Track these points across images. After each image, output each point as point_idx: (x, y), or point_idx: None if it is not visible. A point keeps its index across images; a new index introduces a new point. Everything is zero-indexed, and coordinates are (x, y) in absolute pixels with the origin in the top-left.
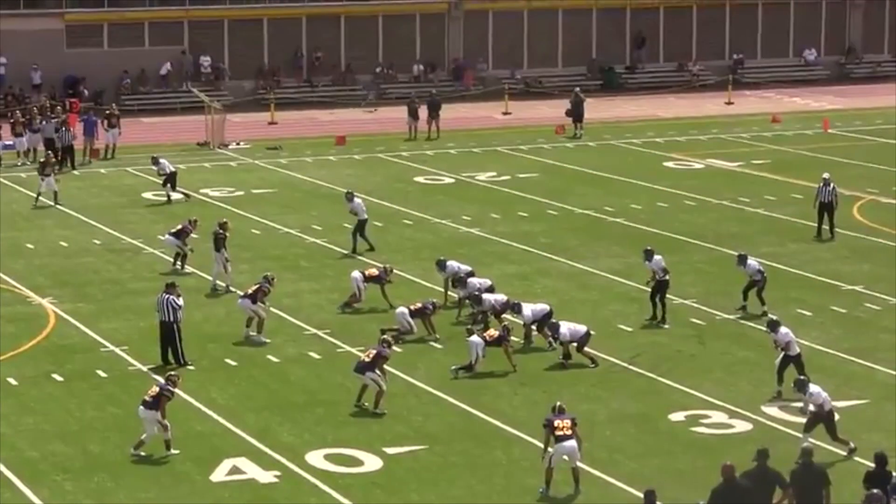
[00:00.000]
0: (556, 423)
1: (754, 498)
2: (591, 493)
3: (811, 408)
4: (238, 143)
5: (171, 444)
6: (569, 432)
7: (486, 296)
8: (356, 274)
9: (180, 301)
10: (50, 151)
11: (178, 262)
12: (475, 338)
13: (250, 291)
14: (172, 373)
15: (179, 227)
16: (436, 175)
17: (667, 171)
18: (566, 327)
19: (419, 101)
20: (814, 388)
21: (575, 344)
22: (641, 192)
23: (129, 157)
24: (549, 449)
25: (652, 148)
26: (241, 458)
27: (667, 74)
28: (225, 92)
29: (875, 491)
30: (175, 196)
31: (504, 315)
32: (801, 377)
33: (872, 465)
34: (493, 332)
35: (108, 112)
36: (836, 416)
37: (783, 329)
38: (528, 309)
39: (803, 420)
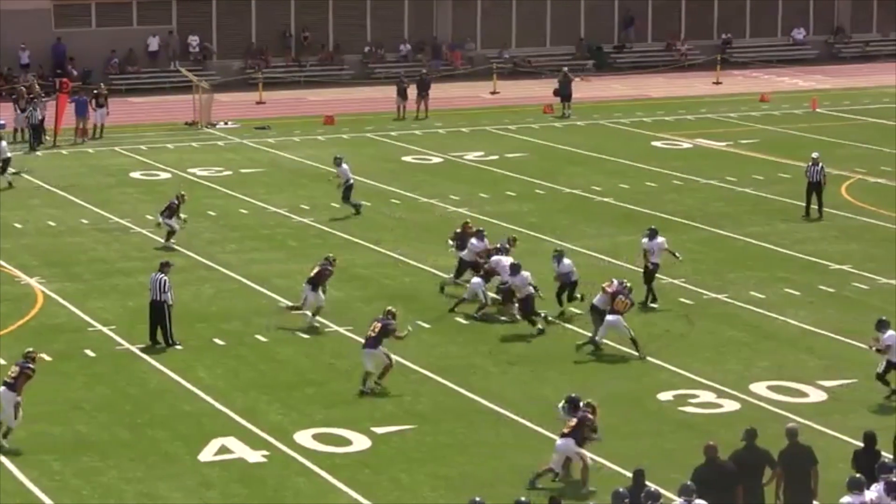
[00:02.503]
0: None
1: (737, 478)
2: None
3: None
4: (226, 123)
5: (10, 433)
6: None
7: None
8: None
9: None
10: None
11: (171, 239)
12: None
13: (312, 275)
14: (30, 349)
15: (167, 204)
16: (424, 154)
17: (655, 151)
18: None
19: (408, 80)
20: None
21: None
22: (630, 172)
23: (116, 137)
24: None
25: (640, 127)
26: (229, 437)
27: (655, 54)
28: (213, 72)
29: (858, 475)
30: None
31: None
32: None
33: (861, 444)
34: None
35: (96, 92)
36: None
37: (891, 332)
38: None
39: (789, 399)
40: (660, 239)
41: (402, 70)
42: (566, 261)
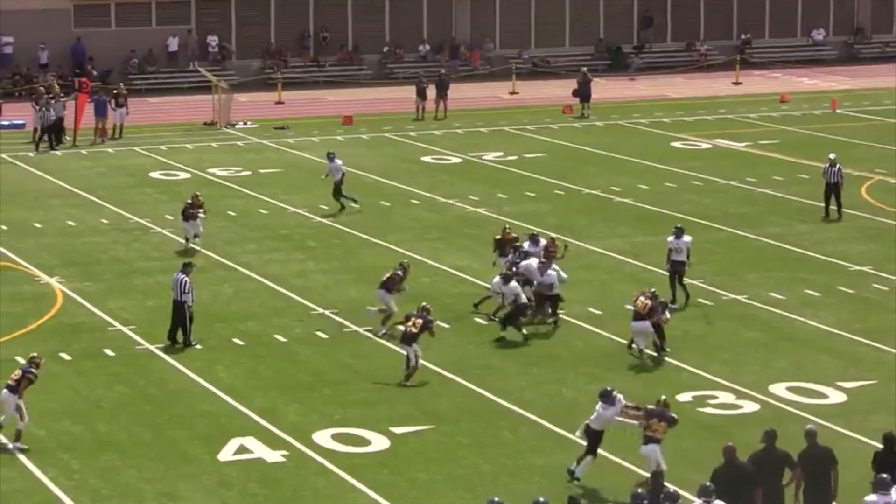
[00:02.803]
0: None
1: (756, 479)
2: (599, 473)
3: None
4: (245, 123)
5: (21, 435)
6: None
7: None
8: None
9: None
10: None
11: (191, 241)
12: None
13: (384, 279)
14: (35, 354)
15: (183, 207)
16: (443, 155)
17: (674, 152)
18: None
19: (427, 80)
20: None
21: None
22: (648, 173)
23: (136, 137)
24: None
25: (659, 128)
26: (248, 437)
27: (674, 54)
28: (232, 72)
29: (884, 476)
30: None
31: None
32: None
33: (881, 445)
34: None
35: (115, 91)
36: None
37: None
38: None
39: (809, 401)
40: (687, 238)
41: (420, 70)
42: (551, 272)
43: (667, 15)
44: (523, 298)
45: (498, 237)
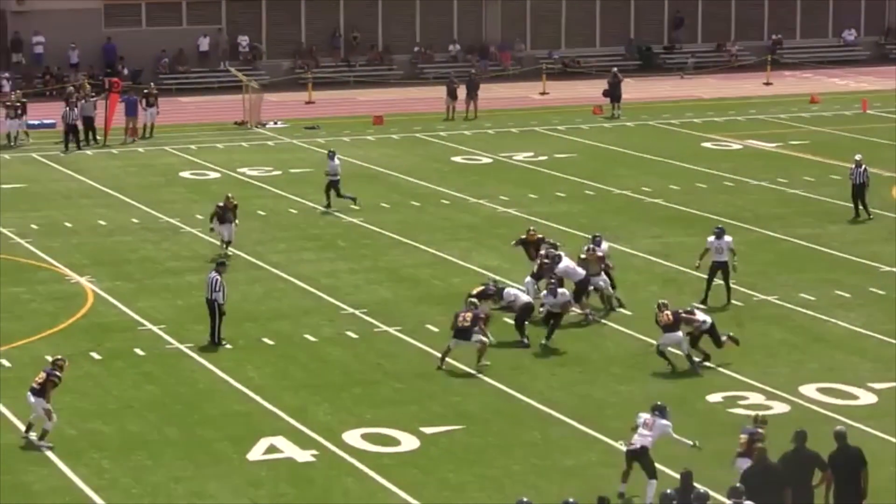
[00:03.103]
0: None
1: (786, 479)
2: (629, 474)
3: None
4: (275, 123)
5: (47, 435)
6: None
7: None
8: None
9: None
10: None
11: (226, 247)
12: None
13: (474, 292)
14: (59, 357)
15: (214, 210)
16: (473, 155)
17: (705, 152)
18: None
19: (458, 80)
20: None
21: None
22: (679, 173)
23: (166, 137)
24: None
25: (690, 128)
26: (278, 437)
27: (705, 54)
28: (262, 71)
29: None
30: None
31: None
32: None
33: None
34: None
35: (146, 91)
36: None
37: None
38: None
39: (839, 402)
40: (728, 238)
41: (451, 70)
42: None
43: (698, 15)
44: (524, 299)
45: (523, 237)
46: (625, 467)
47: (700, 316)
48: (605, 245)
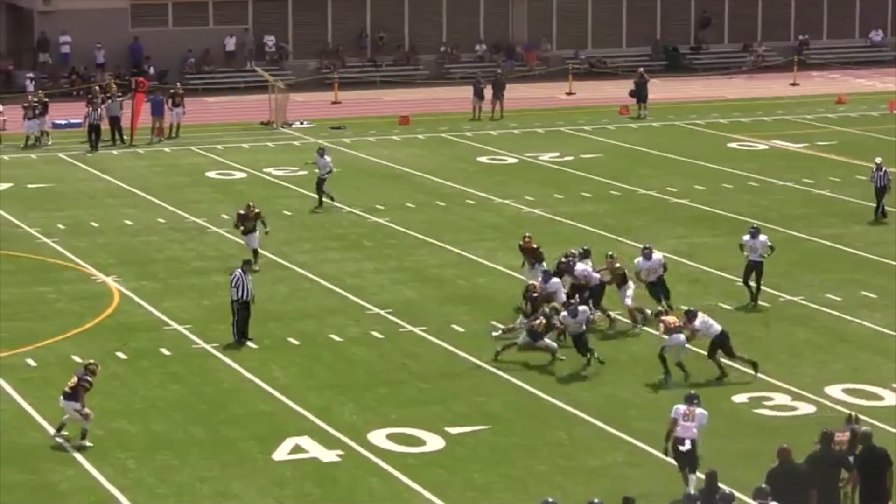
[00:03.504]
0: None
1: (810, 480)
2: (653, 473)
3: None
4: (301, 123)
5: (87, 434)
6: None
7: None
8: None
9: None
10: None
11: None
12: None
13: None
14: (91, 361)
15: (241, 214)
16: (499, 155)
17: (731, 152)
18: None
19: (484, 80)
20: None
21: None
22: (705, 173)
23: (192, 137)
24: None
25: (716, 129)
26: (303, 436)
27: (731, 55)
28: (288, 71)
29: None
30: None
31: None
32: None
33: None
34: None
35: (172, 91)
36: None
37: None
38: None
39: (865, 402)
40: (763, 237)
41: (477, 70)
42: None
43: (724, 15)
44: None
45: (520, 244)
46: (679, 470)
47: (699, 322)
48: (657, 255)
